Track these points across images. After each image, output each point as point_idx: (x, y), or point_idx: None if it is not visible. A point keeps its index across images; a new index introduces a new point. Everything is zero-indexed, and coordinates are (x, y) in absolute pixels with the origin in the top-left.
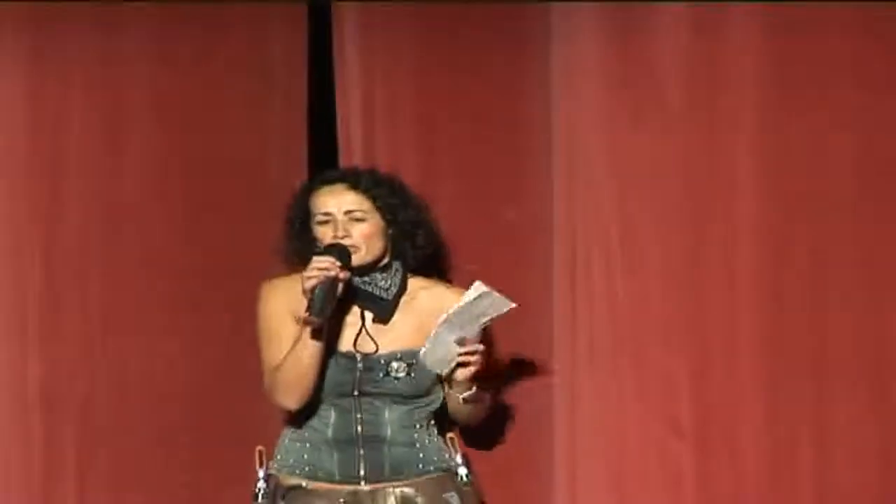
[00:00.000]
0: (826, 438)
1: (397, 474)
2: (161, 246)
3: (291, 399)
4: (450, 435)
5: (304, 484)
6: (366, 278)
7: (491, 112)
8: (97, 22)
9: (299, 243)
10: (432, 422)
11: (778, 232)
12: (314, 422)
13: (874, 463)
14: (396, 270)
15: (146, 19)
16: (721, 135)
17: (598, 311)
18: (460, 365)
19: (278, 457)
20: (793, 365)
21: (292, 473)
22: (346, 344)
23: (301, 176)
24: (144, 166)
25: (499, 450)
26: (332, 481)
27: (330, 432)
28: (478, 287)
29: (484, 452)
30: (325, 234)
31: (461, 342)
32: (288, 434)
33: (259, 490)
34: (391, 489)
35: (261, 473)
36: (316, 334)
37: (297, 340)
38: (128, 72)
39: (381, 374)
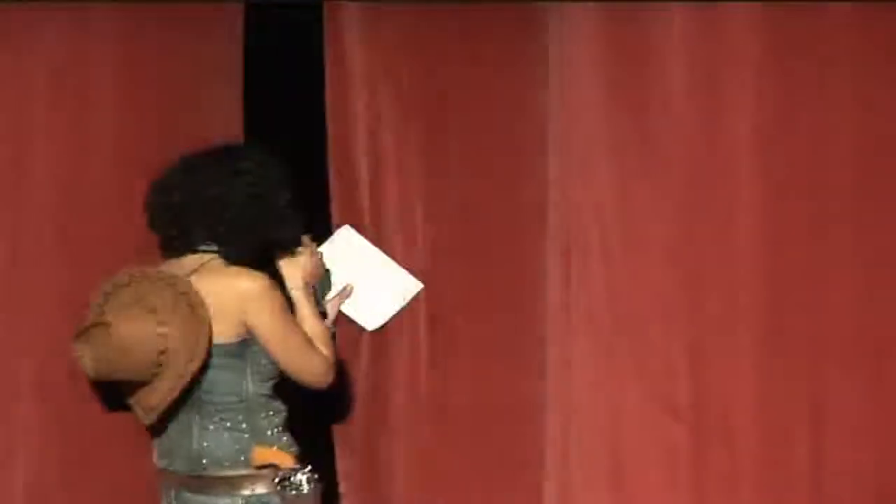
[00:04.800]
0: (822, 419)
1: None
2: (126, 228)
3: None
4: None
5: None
6: None
7: (495, 97)
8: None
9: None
10: None
11: (777, 214)
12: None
13: (870, 444)
14: None
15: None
16: (721, 118)
17: (596, 292)
18: None
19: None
20: (789, 346)
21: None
22: None
23: None
24: (112, 146)
25: (493, 430)
26: None
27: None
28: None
29: (478, 432)
30: None
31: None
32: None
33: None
34: None
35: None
36: None
37: (316, 318)
38: (93, 52)
39: None
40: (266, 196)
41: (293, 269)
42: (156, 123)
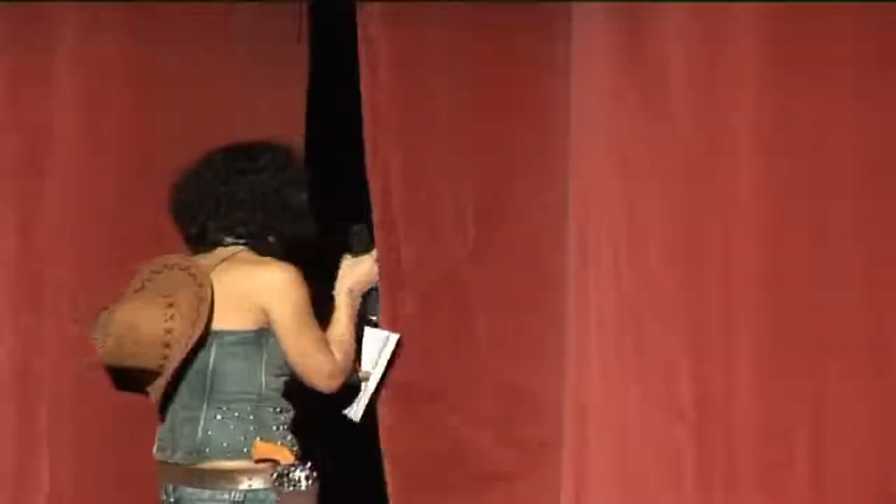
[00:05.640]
0: (823, 420)
1: None
2: (139, 226)
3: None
4: None
5: None
6: None
7: (519, 98)
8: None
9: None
10: None
11: (778, 211)
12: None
13: (872, 445)
14: None
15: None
16: (722, 115)
17: (605, 293)
18: None
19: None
20: (791, 345)
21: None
22: None
23: None
24: (125, 144)
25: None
26: None
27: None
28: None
29: (495, 431)
30: None
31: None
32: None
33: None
34: None
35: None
36: None
37: (347, 324)
38: (109, 50)
39: None
40: (280, 194)
41: (347, 273)
42: (170, 121)
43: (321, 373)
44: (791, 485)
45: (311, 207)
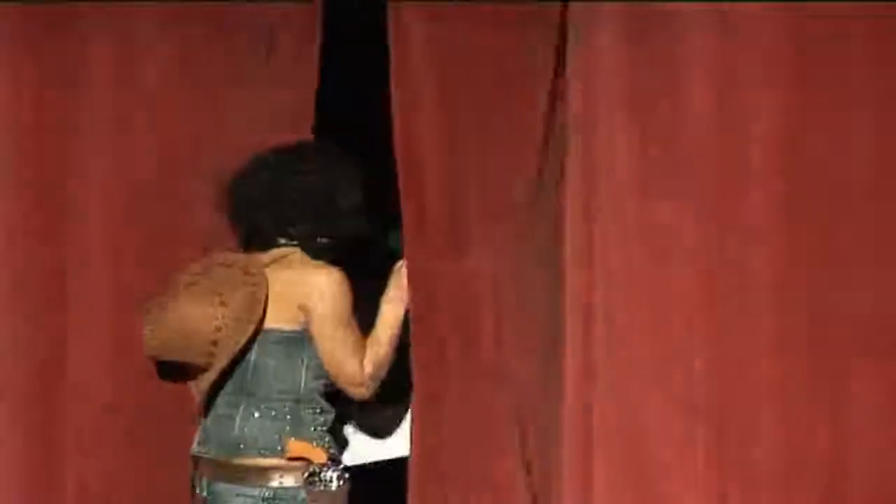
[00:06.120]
0: (841, 417)
1: None
2: (167, 223)
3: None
4: None
5: None
6: None
7: (518, 98)
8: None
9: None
10: None
11: (795, 211)
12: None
13: (890, 442)
14: None
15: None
16: (738, 115)
17: (614, 293)
18: None
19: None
20: (810, 344)
21: None
22: None
23: None
24: (153, 144)
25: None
26: None
27: None
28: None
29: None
30: None
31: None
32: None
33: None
34: None
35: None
36: None
37: (386, 332)
38: (141, 49)
39: None
40: (332, 194)
41: (395, 281)
42: (201, 121)
43: (349, 378)
44: (811, 484)
45: (365, 207)
